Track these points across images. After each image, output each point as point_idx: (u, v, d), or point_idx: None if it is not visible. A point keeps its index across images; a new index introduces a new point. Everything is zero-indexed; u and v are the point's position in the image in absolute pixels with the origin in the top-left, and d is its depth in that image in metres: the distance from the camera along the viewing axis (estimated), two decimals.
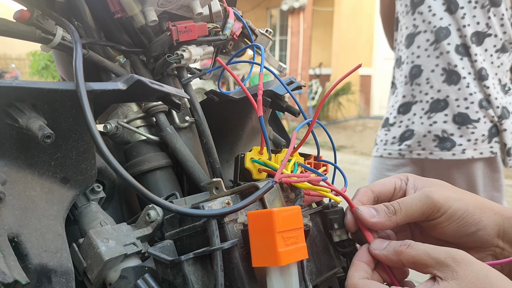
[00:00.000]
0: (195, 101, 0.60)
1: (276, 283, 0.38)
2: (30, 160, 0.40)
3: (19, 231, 0.37)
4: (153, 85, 0.43)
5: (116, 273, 0.43)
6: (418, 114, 1.41)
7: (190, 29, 0.56)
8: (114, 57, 0.59)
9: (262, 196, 0.42)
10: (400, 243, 0.43)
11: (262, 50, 0.56)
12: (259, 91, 0.48)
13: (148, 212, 0.48)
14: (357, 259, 0.46)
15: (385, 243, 0.45)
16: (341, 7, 8.70)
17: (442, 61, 1.35)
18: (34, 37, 0.50)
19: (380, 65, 9.04)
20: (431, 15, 1.35)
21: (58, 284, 0.39)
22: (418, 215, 0.47)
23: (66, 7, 0.55)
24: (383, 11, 1.66)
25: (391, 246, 0.44)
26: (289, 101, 0.67)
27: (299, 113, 0.65)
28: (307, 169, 0.52)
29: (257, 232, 0.38)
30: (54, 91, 0.38)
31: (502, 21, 1.33)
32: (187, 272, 0.39)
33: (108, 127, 0.58)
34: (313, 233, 0.48)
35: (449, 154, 1.35)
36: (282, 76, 0.68)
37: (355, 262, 0.46)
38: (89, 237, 0.43)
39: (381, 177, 1.52)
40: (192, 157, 0.57)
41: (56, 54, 0.66)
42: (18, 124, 0.36)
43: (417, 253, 0.41)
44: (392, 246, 0.44)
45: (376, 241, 0.46)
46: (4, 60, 12.37)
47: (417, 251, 0.41)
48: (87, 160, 0.44)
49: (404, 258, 0.42)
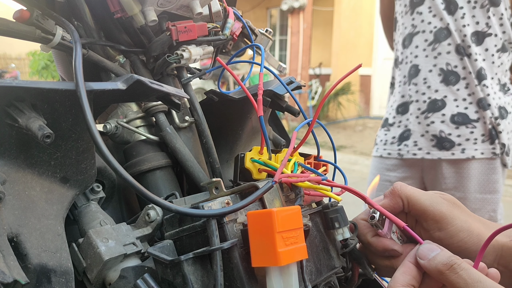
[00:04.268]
0: (194, 101, 0.60)
1: (275, 283, 0.38)
2: (29, 159, 0.40)
3: (19, 231, 0.37)
4: (152, 85, 0.43)
5: (115, 273, 0.43)
6: (414, 114, 1.41)
7: (190, 29, 0.56)
8: (114, 57, 0.59)
9: (262, 196, 0.42)
10: (447, 259, 0.40)
11: (262, 50, 0.56)
12: (259, 91, 0.48)
13: (147, 212, 0.48)
14: (408, 259, 0.43)
15: (433, 252, 0.42)
16: (341, 7, 8.70)
17: (440, 61, 1.35)
18: (34, 37, 0.50)
19: (380, 65, 9.03)
20: (431, 15, 1.35)
21: (58, 284, 0.39)
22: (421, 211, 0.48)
23: (66, 7, 0.55)
24: (383, 11, 1.66)
25: (437, 260, 0.41)
26: (289, 101, 0.67)
27: (299, 113, 0.65)
28: (307, 169, 0.52)
29: (256, 232, 0.38)
30: (53, 91, 0.38)
31: (502, 21, 1.33)
32: (186, 272, 0.39)
33: (108, 127, 0.58)
34: (312, 233, 0.48)
35: (448, 154, 1.35)
36: (282, 76, 0.68)
37: (405, 263, 0.43)
38: (89, 237, 0.43)
39: (381, 177, 1.52)
40: (192, 157, 0.57)
41: (56, 54, 0.66)
42: (18, 124, 0.36)
43: (458, 280, 0.39)
44: (438, 260, 0.41)
45: (425, 247, 0.43)
46: (4, 60, 12.37)
47: (458, 279, 0.39)
48: (86, 160, 0.44)
49: (446, 280, 0.40)
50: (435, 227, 0.49)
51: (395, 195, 0.51)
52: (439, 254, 0.41)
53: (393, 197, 0.51)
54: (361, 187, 0.60)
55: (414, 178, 1.47)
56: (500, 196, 1.37)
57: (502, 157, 1.34)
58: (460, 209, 0.50)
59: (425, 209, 0.49)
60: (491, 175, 1.34)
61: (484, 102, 1.32)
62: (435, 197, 0.51)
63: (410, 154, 1.42)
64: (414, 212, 0.51)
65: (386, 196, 0.52)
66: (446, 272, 0.40)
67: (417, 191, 0.51)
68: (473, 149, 1.32)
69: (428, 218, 0.49)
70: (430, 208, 0.49)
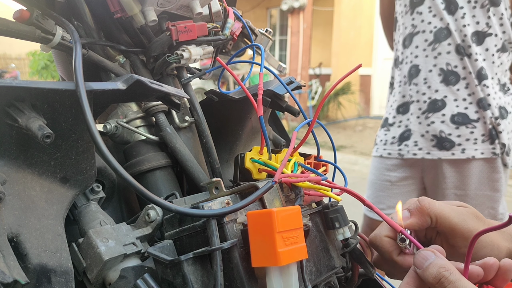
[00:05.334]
0: (194, 101, 0.60)
1: (275, 283, 0.38)
2: (29, 160, 0.40)
3: (19, 231, 0.37)
4: (152, 85, 0.43)
5: (115, 273, 0.43)
6: (415, 114, 1.41)
7: (190, 29, 0.56)
8: (114, 57, 0.59)
9: (262, 196, 0.42)
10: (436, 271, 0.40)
11: (262, 50, 0.56)
12: (259, 91, 0.48)
13: (147, 212, 0.48)
14: (413, 268, 0.43)
15: (427, 261, 0.42)
16: (341, 7, 8.70)
17: (441, 61, 1.35)
18: (33, 37, 0.50)
19: (380, 65, 9.03)
20: (431, 15, 1.35)
21: (58, 284, 0.39)
22: (449, 229, 0.49)
23: (66, 7, 0.55)
24: (382, 11, 1.66)
25: (428, 272, 0.41)
26: (289, 101, 0.67)
27: (299, 113, 0.65)
28: (307, 169, 0.52)
29: (256, 232, 0.38)
30: (53, 91, 0.38)
31: (502, 21, 1.33)
32: (186, 272, 0.39)
33: (108, 127, 0.58)
34: (312, 233, 0.48)
35: (448, 154, 1.35)
36: (282, 76, 0.68)
37: (410, 272, 0.43)
38: (89, 237, 0.43)
39: (381, 177, 1.52)
40: (192, 157, 0.57)
41: (55, 54, 0.66)
42: (18, 124, 0.36)
43: None
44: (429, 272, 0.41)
45: (420, 255, 0.43)
46: (3, 60, 12.37)
47: None
48: (86, 160, 0.44)
49: None
50: (462, 244, 0.50)
51: (423, 213, 0.50)
52: (431, 265, 0.41)
53: (421, 216, 0.50)
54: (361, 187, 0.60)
55: (414, 178, 1.47)
56: (501, 195, 1.37)
57: (502, 157, 1.33)
58: (483, 222, 0.51)
59: (454, 227, 0.49)
60: (492, 174, 1.34)
61: (484, 102, 1.32)
62: (463, 214, 0.50)
63: (410, 154, 1.42)
64: (441, 229, 0.50)
65: (413, 214, 0.51)
66: (436, 286, 0.40)
67: (445, 207, 0.50)
68: (473, 149, 1.32)
69: (457, 236, 0.49)
70: (459, 226, 0.49)
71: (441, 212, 0.50)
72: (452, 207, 0.51)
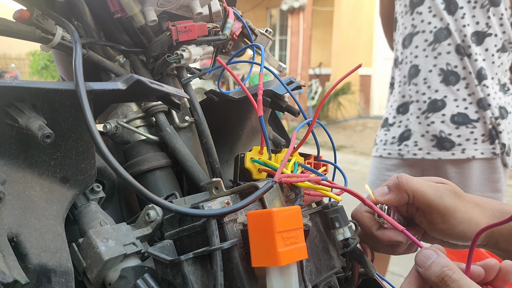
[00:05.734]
0: (194, 101, 0.60)
1: (275, 283, 0.38)
2: (29, 159, 0.40)
3: (19, 231, 0.37)
4: (152, 85, 0.43)
5: (115, 273, 0.43)
6: (415, 114, 1.41)
7: (190, 29, 0.56)
8: (114, 57, 0.59)
9: (262, 196, 0.42)
10: (439, 270, 0.40)
11: (262, 50, 0.56)
12: (259, 91, 0.48)
13: (147, 212, 0.48)
14: (414, 267, 0.43)
15: (429, 260, 0.42)
16: (341, 7, 8.70)
17: (440, 61, 1.35)
18: (33, 37, 0.50)
19: (380, 65, 9.03)
20: (431, 15, 1.35)
21: (58, 284, 0.39)
22: (426, 205, 0.50)
23: (66, 7, 0.55)
24: (382, 11, 1.66)
25: (431, 271, 0.41)
26: (289, 101, 0.67)
27: (299, 113, 0.65)
28: (307, 169, 0.52)
29: (256, 232, 0.38)
30: (53, 91, 0.38)
31: (502, 21, 1.33)
32: (186, 272, 0.39)
33: (108, 127, 0.58)
34: (312, 233, 0.48)
35: (448, 154, 1.35)
36: (282, 76, 0.68)
37: (411, 272, 0.43)
38: (89, 237, 0.43)
39: (381, 177, 1.52)
40: (192, 157, 0.57)
41: (55, 54, 0.66)
42: (18, 124, 0.36)
43: None
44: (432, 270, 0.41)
45: (422, 253, 0.43)
46: (3, 60, 12.36)
47: None
48: (86, 160, 0.44)
49: None
50: (438, 220, 0.51)
51: (400, 189, 0.52)
52: (434, 263, 0.41)
53: (398, 192, 0.52)
54: (361, 187, 0.61)
55: None
56: (502, 196, 1.37)
57: (502, 157, 1.34)
58: (461, 199, 0.52)
59: (431, 203, 0.50)
60: (492, 174, 1.34)
61: (484, 102, 1.32)
62: (440, 190, 0.51)
63: (410, 154, 1.42)
64: (419, 205, 0.52)
65: (391, 190, 0.53)
66: (439, 284, 0.40)
67: (423, 184, 0.51)
68: (473, 149, 1.32)
69: (433, 212, 0.51)
70: (435, 202, 0.50)
71: (418, 189, 0.51)
72: (430, 183, 0.52)
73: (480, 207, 0.52)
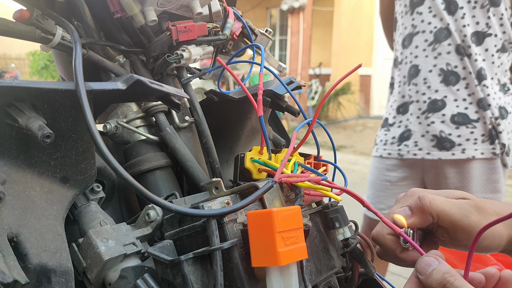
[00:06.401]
0: (194, 101, 0.60)
1: (275, 283, 0.37)
2: (29, 159, 0.40)
3: (19, 231, 0.37)
4: (152, 85, 0.43)
5: (115, 273, 0.43)
6: (414, 114, 1.41)
7: (190, 29, 0.56)
8: (114, 57, 0.59)
9: (262, 196, 0.42)
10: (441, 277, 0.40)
11: (262, 50, 0.56)
12: (259, 91, 0.48)
13: (147, 212, 0.48)
14: (414, 273, 0.43)
15: (431, 267, 0.41)
16: (341, 7, 8.70)
17: (440, 61, 1.35)
18: (33, 37, 0.50)
19: (379, 65, 9.03)
20: (431, 15, 1.35)
21: (58, 284, 0.39)
22: (451, 225, 0.49)
23: (66, 7, 0.55)
24: (382, 11, 1.66)
25: (432, 278, 0.41)
26: (289, 101, 0.67)
27: (299, 113, 0.65)
28: (307, 169, 0.52)
29: (256, 232, 0.38)
30: (53, 91, 0.38)
31: (502, 21, 1.33)
32: (186, 272, 0.39)
33: (108, 127, 0.58)
34: (312, 233, 0.48)
35: (448, 154, 1.35)
36: (282, 76, 0.68)
37: (411, 278, 0.43)
38: (89, 237, 0.43)
39: (381, 177, 1.52)
40: (192, 157, 0.57)
41: (55, 54, 0.66)
42: (18, 124, 0.36)
43: None
44: (433, 278, 0.41)
45: (423, 260, 0.43)
46: (3, 60, 12.36)
47: None
48: (86, 160, 0.44)
49: None
50: (463, 237, 0.50)
51: (425, 212, 0.50)
52: (435, 270, 0.41)
53: (423, 215, 0.50)
54: (361, 187, 0.60)
55: (414, 178, 1.47)
56: (501, 196, 1.37)
57: (502, 157, 1.34)
58: (484, 213, 0.50)
59: (456, 223, 0.49)
60: (491, 175, 1.34)
61: (484, 102, 1.32)
62: (465, 209, 0.50)
63: (410, 154, 1.42)
64: (443, 224, 0.51)
65: (414, 213, 0.51)
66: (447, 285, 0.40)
67: (447, 204, 0.50)
68: (473, 149, 1.32)
69: (458, 231, 0.50)
70: (460, 222, 0.49)
71: (443, 210, 0.50)
72: (454, 202, 0.51)
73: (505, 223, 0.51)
